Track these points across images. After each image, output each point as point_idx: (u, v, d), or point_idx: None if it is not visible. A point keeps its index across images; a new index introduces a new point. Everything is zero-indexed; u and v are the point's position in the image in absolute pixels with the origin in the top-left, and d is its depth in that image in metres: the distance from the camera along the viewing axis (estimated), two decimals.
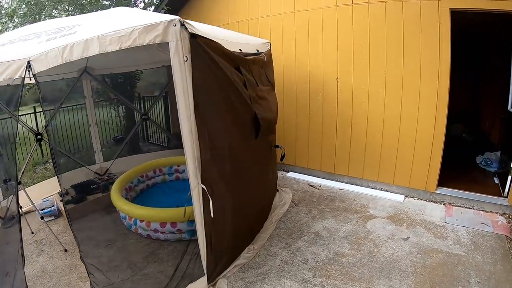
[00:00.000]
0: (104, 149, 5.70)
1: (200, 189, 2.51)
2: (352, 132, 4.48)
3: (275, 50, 4.91)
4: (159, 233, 3.64)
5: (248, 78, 3.03)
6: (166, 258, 3.36)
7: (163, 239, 3.66)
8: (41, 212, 4.18)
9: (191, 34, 2.23)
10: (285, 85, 4.99)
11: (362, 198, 4.31)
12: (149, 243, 3.65)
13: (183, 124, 2.37)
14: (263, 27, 5.06)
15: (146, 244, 3.64)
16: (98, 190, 4.64)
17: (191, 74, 2.30)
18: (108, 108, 6.42)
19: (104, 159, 5.45)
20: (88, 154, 5.82)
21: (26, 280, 2.94)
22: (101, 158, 5.44)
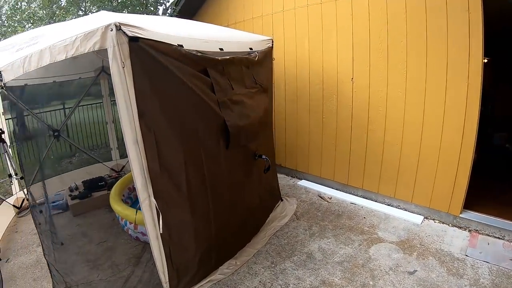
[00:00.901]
0: (121, 146, 5.90)
1: (151, 201, 2.40)
2: (368, 140, 4.01)
3: (289, 48, 4.64)
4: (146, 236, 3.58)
5: (217, 81, 2.80)
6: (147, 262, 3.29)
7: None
8: (51, 205, 4.46)
9: (130, 37, 2.11)
10: (299, 85, 4.67)
11: (374, 216, 3.84)
12: (136, 245, 3.65)
13: (126, 133, 2.25)
14: (276, 23, 4.80)
15: (133, 246, 3.65)
16: (104, 187, 4.80)
17: (132, 80, 2.17)
18: None
19: (120, 156, 5.68)
20: (106, 150, 6.08)
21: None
22: (117, 155, 5.67)
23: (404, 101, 3.62)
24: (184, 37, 2.68)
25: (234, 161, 3.13)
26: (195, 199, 2.75)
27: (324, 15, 4.15)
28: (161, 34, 2.40)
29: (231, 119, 2.91)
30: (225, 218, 3.12)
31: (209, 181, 2.85)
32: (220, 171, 2.99)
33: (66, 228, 4.14)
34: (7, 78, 2.73)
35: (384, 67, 3.72)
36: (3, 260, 3.67)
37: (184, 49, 2.49)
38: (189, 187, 2.66)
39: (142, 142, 2.29)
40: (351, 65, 3.99)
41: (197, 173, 2.75)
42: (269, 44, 3.81)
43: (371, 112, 3.92)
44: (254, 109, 3.26)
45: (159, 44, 2.30)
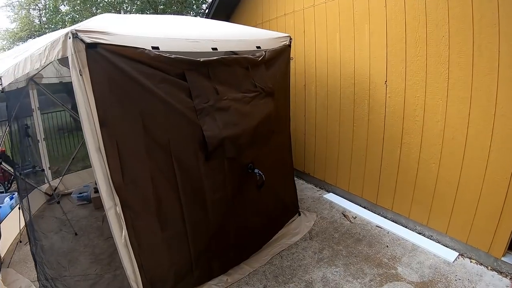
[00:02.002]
0: None
1: (118, 210, 2.37)
2: (401, 154, 3.47)
3: (320, 46, 4.30)
4: None
5: (197, 86, 2.60)
6: None
7: None
8: (78, 196, 4.85)
9: (88, 44, 2.06)
10: (330, 89, 4.25)
11: (399, 246, 3.31)
12: None
13: (89, 141, 2.24)
14: (308, 19, 4.43)
15: None
16: None
17: (91, 88, 2.14)
18: None
19: None
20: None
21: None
22: None
23: (445, 111, 3.03)
24: (162, 37, 2.56)
25: (220, 175, 2.90)
26: (166, 215, 2.64)
27: (356, 7, 3.69)
28: (131, 37, 2.32)
29: (210, 128, 2.70)
30: (212, 235, 2.95)
31: (184, 197, 2.70)
32: (200, 186, 2.79)
33: (84, 220, 4.43)
34: (5, 83, 2.97)
35: (421, 68, 3.16)
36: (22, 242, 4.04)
37: (154, 52, 2.36)
38: (158, 202, 2.55)
39: (105, 151, 2.24)
40: (385, 65, 3.48)
41: (168, 187, 2.61)
42: (285, 42, 3.47)
43: (406, 122, 3.38)
44: (249, 116, 2.98)
45: (121, 49, 2.21)
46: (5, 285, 3.31)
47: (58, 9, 8.29)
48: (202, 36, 2.88)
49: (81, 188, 4.96)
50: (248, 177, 3.13)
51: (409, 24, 3.20)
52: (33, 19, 13.61)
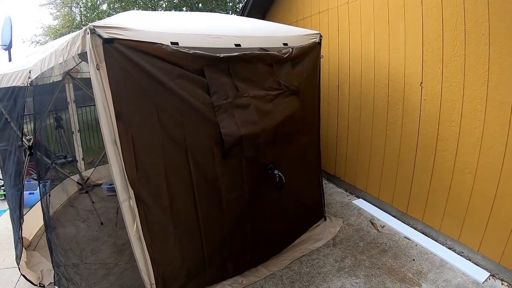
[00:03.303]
0: None
1: (131, 203, 2.47)
2: (435, 163, 3.37)
3: (354, 44, 4.31)
4: None
5: (215, 82, 2.67)
6: None
7: None
8: (108, 187, 5.22)
9: (105, 39, 2.18)
10: (363, 89, 4.22)
11: (426, 260, 3.22)
12: None
13: (105, 134, 2.35)
14: (342, 16, 4.43)
15: None
16: None
17: (107, 82, 2.26)
18: None
19: None
20: None
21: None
22: None
23: (483, 116, 2.91)
24: (183, 33, 2.65)
25: (238, 174, 2.97)
26: (179, 211, 2.73)
27: (391, 4, 3.64)
28: (150, 33, 2.43)
29: (228, 125, 2.75)
30: (227, 235, 3.03)
31: (198, 194, 2.78)
32: (216, 184, 2.87)
33: (112, 210, 4.76)
34: (33, 77, 3.22)
35: (459, 70, 3.05)
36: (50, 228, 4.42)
37: (172, 47, 2.44)
38: (171, 198, 2.64)
39: (120, 144, 2.35)
40: (420, 66, 3.40)
41: (182, 184, 2.70)
42: (315, 39, 3.49)
43: (442, 127, 3.28)
44: (270, 115, 3.00)
45: (138, 44, 2.32)
46: (28, 267, 3.60)
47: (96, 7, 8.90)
48: (225, 32, 2.95)
49: (111, 179, 5.30)
50: (268, 178, 3.17)
51: (446, 21, 3.11)
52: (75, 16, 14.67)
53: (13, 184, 3.90)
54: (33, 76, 3.26)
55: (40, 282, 3.39)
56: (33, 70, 3.28)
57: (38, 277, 3.46)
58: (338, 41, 4.51)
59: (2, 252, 4.06)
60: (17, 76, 3.60)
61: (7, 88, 3.87)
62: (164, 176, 2.59)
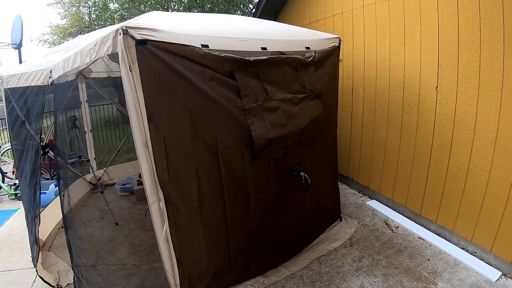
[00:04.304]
0: None
1: (161, 205, 2.59)
2: (450, 165, 3.66)
3: (369, 48, 4.57)
4: None
5: (246, 85, 2.87)
6: None
7: None
8: (121, 187, 5.45)
9: (138, 41, 2.28)
10: (378, 92, 4.51)
11: (441, 260, 3.50)
12: None
13: (136, 136, 2.46)
14: (356, 20, 4.71)
15: None
16: None
17: (140, 83, 2.36)
18: None
19: None
20: None
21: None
22: None
23: (497, 121, 3.18)
24: (212, 36, 2.80)
25: (265, 176, 3.16)
26: (208, 213, 2.87)
27: (407, 9, 3.92)
28: (181, 35, 2.55)
29: (258, 128, 2.90)
30: (252, 236, 3.21)
31: (228, 196, 2.94)
32: (244, 185, 3.04)
33: (126, 210, 5.00)
34: (54, 76, 3.38)
35: (474, 75, 3.33)
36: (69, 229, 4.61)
37: (204, 50, 2.58)
38: (201, 199, 2.78)
39: (151, 147, 2.46)
40: (436, 70, 3.68)
41: (212, 186, 2.85)
42: (335, 43, 3.77)
43: (456, 131, 3.56)
44: (297, 117, 3.21)
45: (171, 46, 2.43)
46: (44, 267, 3.73)
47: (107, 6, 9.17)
48: (251, 35, 3.13)
49: (124, 179, 5.55)
50: (293, 180, 3.41)
51: (462, 28, 3.38)
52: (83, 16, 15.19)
53: (28, 183, 4.07)
54: (54, 76, 3.40)
55: (58, 283, 3.52)
56: (54, 70, 3.40)
57: (55, 278, 3.60)
58: (353, 44, 4.78)
59: (16, 252, 4.24)
60: (35, 76, 3.73)
61: (24, 88, 4.02)
62: (195, 177, 2.73)
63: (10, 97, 4.36)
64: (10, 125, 4.49)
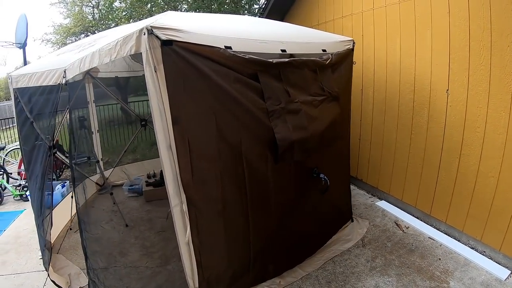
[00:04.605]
0: None
1: (183, 208, 2.60)
2: (460, 166, 3.82)
3: (379, 50, 4.72)
4: None
5: (269, 87, 2.93)
6: None
7: None
8: (129, 188, 5.54)
9: (163, 41, 2.27)
10: (388, 94, 4.66)
11: (451, 259, 3.66)
12: None
13: (160, 139, 2.46)
14: (366, 22, 4.86)
15: None
16: None
17: (165, 85, 2.36)
18: None
19: None
20: None
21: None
22: None
23: (507, 123, 3.34)
24: (235, 37, 2.83)
25: (285, 178, 3.25)
26: (229, 215, 2.91)
27: (418, 13, 4.07)
28: (205, 35, 2.57)
29: (282, 130, 2.96)
30: (270, 238, 3.28)
31: (250, 198, 2.98)
32: (266, 188, 3.10)
33: (135, 212, 5.07)
34: (68, 76, 3.36)
35: (485, 78, 3.48)
36: (73, 229, 4.66)
37: (229, 52, 2.61)
38: (224, 201, 2.83)
39: (175, 150, 2.46)
40: (447, 73, 3.83)
41: (236, 188, 2.89)
42: (349, 46, 3.91)
43: (467, 133, 3.72)
44: (317, 120, 3.30)
45: (197, 47, 2.44)
46: (55, 271, 3.73)
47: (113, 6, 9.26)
48: (270, 37, 3.21)
49: (132, 180, 5.59)
50: (311, 181, 3.51)
51: (473, 32, 3.53)
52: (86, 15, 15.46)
53: (39, 186, 4.02)
54: (69, 76, 3.39)
55: (69, 286, 3.55)
56: (68, 69, 3.39)
57: (66, 281, 3.62)
58: (363, 46, 4.93)
59: (24, 255, 4.27)
60: (48, 76, 3.72)
61: (35, 88, 4.02)
62: (219, 181, 2.77)
63: (20, 97, 4.37)
64: (20, 126, 4.51)
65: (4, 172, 6.49)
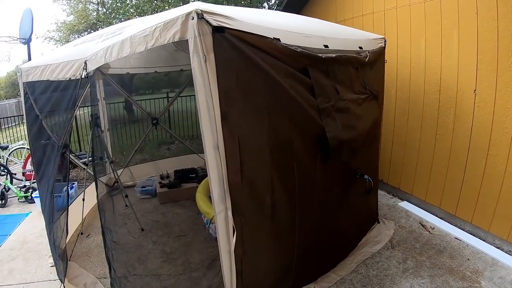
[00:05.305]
0: None
1: (227, 215, 2.49)
2: (487, 166, 4.04)
3: (402, 49, 4.89)
4: None
5: (320, 83, 2.89)
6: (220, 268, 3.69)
7: None
8: (141, 189, 5.56)
9: (214, 27, 2.15)
10: (411, 93, 4.87)
11: (480, 260, 3.86)
12: (214, 246, 4.00)
13: (206, 138, 2.33)
14: (389, 21, 5.06)
15: (211, 246, 4.19)
16: (195, 180, 5.64)
17: (215, 77, 2.24)
18: None
19: None
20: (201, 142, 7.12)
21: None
22: None
23: None
24: (281, 29, 2.76)
25: (330, 179, 3.25)
26: (278, 219, 2.84)
27: (444, 12, 4.27)
28: (253, 25, 2.47)
29: (332, 130, 2.93)
30: (311, 241, 3.27)
31: (298, 200, 2.92)
32: (314, 189, 3.07)
33: (150, 215, 5.04)
34: (90, 68, 3.24)
35: None
36: (84, 234, 4.60)
37: (281, 43, 2.54)
38: (273, 205, 2.73)
39: (224, 149, 2.34)
40: (475, 74, 4.04)
41: (285, 190, 2.81)
42: (381, 44, 4.09)
43: (494, 133, 3.94)
44: (362, 119, 3.35)
45: (250, 36, 2.35)
46: (68, 280, 3.64)
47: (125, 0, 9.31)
48: (313, 32, 3.23)
49: (143, 181, 5.59)
50: (351, 183, 3.57)
51: (501, 33, 3.72)
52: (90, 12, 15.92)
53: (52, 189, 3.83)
54: (91, 68, 3.24)
55: None
56: (90, 60, 3.24)
57: None
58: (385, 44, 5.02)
59: (33, 262, 4.19)
60: (64, 68, 3.55)
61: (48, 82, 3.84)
62: (270, 183, 2.67)
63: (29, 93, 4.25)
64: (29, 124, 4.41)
65: (7, 173, 6.45)
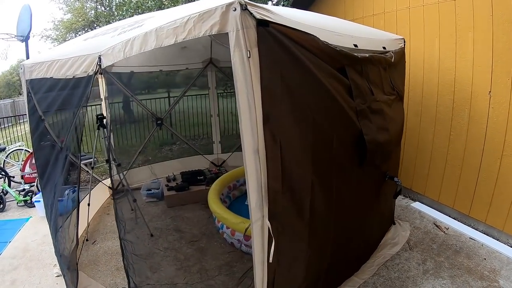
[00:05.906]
0: (223, 140, 7.03)
1: (264, 223, 2.40)
2: (501, 167, 4.27)
3: (415, 50, 5.09)
4: (243, 245, 4.17)
5: (357, 84, 2.91)
6: (239, 274, 3.77)
7: (245, 251, 4.14)
8: (147, 192, 5.54)
9: (258, 21, 2.06)
10: (424, 94, 5.08)
11: (496, 259, 4.07)
12: (230, 252, 4.18)
13: (246, 141, 2.22)
14: (401, 21, 5.25)
15: (227, 252, 4.25)
16: (203, 182, 5.68)
17: (258, 74, 2.15)
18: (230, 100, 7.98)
19: (222, 150, 6.81)
20: (207, 143, 7.30)
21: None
22: (219, 149, 6.81)
23: None
24: (315, 27, 2.72)
25: (364, 183, 3.30)
26: (315, 226, 2.80)
27: (459, 14, 4.47)
28: (293, 21, 2.41)
29: (369, 132, 2.95)
30: (343, 248, 3.30)
31: (335, 205, 2.92)
32: (349, 195, 3.07)
33: (158, 219, 5.00)
34: (105, 63, 3.09)
35: None
36: (89, 241, 4.52)
37: (322, 41, 2.49)
38: (312, 212, 2.68)
39: (264, 153, 2.25)
40: (489, 76, 4.26)
41: (324, 195, 2.77)
42: (401, 45, 4.26)
43: (509, 134, 4.17)
44: (393, 121, 3.38)
45: (293, 32, 2.29)
46: None
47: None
48: (343, 31, 3.27)
49: (148, 183, 5.56)
50: (381, 186, 3.65)
51: None
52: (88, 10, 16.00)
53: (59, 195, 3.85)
54: (106, 63, 3.09)
55: None
56: (105, 55, 3.09)
57: None
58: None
59: (36, 272, 4.09)
60: (74, 63, 3.40)
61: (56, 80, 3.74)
62: (310, 189, 2.62)
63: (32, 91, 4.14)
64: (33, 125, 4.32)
65: (5, 176, 6.37)
